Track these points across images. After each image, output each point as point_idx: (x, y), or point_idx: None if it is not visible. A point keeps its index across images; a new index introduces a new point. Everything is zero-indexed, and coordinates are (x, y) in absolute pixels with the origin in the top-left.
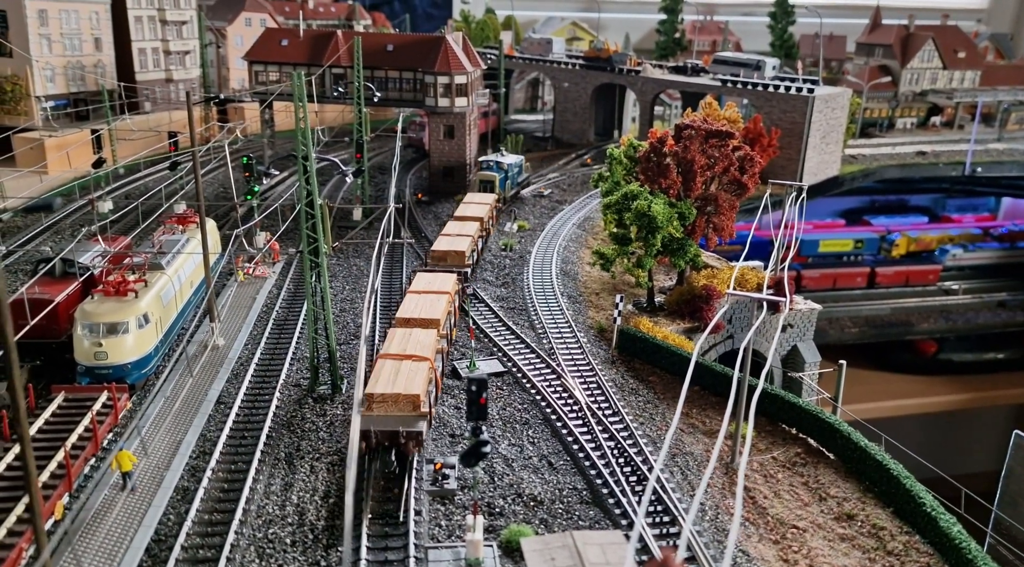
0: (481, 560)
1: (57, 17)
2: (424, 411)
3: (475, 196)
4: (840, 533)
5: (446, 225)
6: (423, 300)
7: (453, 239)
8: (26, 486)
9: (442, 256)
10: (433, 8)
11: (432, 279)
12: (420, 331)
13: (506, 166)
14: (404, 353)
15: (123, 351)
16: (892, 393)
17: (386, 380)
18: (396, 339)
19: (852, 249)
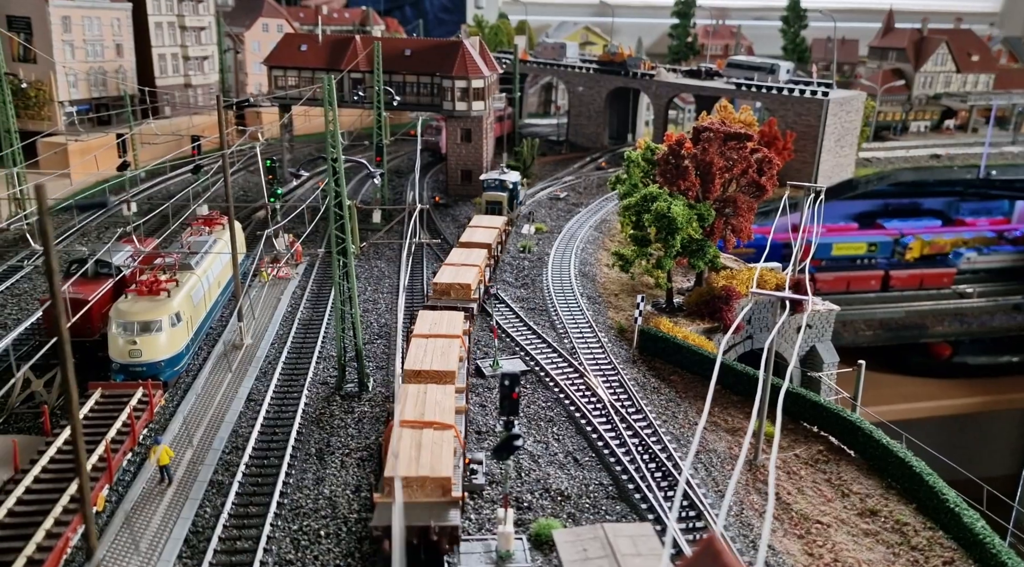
0: (512, 552)
1: (80, 23)
2: (456, 496)
3: (482, 219)
4: (864, 528)
5: (450, 253)
6: (432, 347)
7: (457, 270)
8: (76, 470)
9: (445, 290)
10: (444, 13)
11: (438, 319)
12: (436, 389)
13: (511, 184)
14: (423, 420)
15: (156, 349)
16: (907, 396)
17: (408, 457)
18: (410, 400)
19: (865, 252)
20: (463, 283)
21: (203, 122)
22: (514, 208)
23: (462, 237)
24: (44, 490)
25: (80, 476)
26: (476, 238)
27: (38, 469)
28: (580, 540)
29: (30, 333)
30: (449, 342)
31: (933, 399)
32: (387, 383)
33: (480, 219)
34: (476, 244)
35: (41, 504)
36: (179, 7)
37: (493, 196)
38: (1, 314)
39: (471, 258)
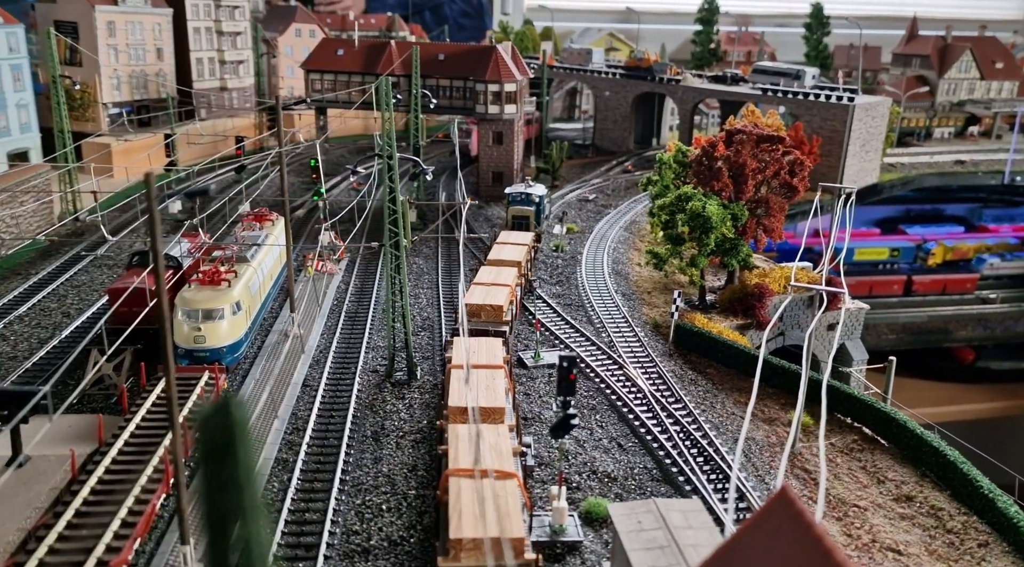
0: (564, 527)
1: (124, 28)
2: (531, 558)
3: (509, 235)
4: (900, 512)
5: (479, 272)
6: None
7: (488, 290)
8: (170, 425)
9: (475, 311)
10: (464, 18)
11: (475, 347)
12: (489, 430)
13: (537, 198)
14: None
15: (219, 335)
16: (930, 400)
17: (472, 515)
18: (462, 444)
19: (888, 258)
20: (494, 304)
21: (242, 124)
22: (541, 223)
23: (490, 254)
24: (127, 462)
25: (173, 430)
26: (505, 255)
27: (120, 443)
28: (634, 513)
29: (95, 319)
30: (492, 374)
31: (956, 403)
32: (434, 373)
33: (507, 235)
34: (506, 262)
35: (126, 474)
36: (216, 13)
37: (520, 211)
38: (63, 304)
39: (501, 277)
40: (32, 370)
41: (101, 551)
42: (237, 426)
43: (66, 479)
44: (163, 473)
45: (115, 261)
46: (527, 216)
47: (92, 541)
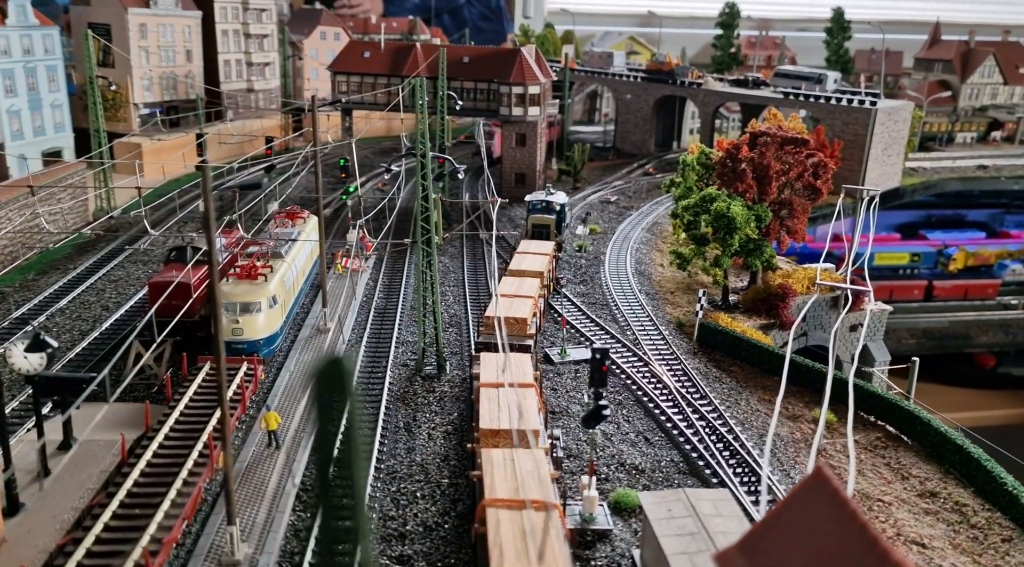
0: (595, 516)
1: (155, 30)
2: None
3: (529, 244)
4: (924, 507)
5: (501, 282)
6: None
7: (511, 302)
8: (219, 401)
9: (489, 323)
10: (483, 21)
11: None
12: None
13: (558, 206)
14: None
15: (256, 328)
16: (950, 405)
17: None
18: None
19: (908, 263)
20: (518, 317)
21: (269, 125)
22: (561, 231)
23: (511, 264)
24: (173, 447)
25: (221, 405)
26: (526, 266)
27: (166, 429)
28: (665, 501)
29: (133, 313)
30: (523, 393)
31: (976, 409)
32: (463, 367)
33: (527, 244)
34: (528, 272)
35: (173, 458)
36: (244, 16)
37: (540, 219)
38: (102, 298)
39: (524, 288)
40: (75, 361)
41: (154, 529)
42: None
43: (115, 462)
44: (208, 458)
45: (150, 257)
46: (547, 225)
47: (144, 520)
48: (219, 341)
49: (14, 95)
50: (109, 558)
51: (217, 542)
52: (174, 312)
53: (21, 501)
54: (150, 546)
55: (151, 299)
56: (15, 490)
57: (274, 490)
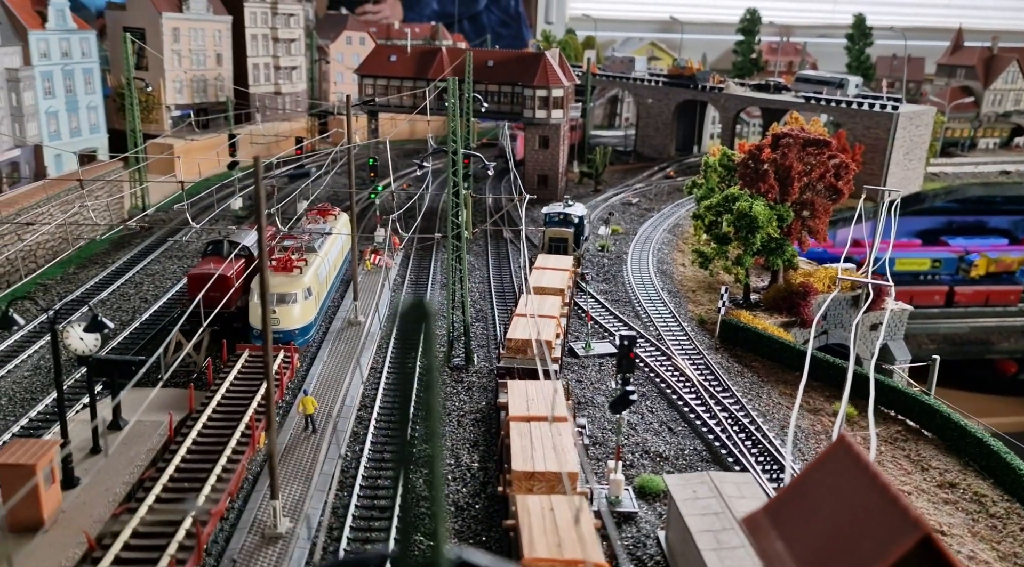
0: (620, 499)
1: (187, 34)
2: None
3: (546, 259)
4: (943, 497)
5: (519, 302)
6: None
7: (531, 323)
8: (266, 378)
9: (521, 347)
10: (502, 27)
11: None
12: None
13: (576, 219)
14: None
15: (292, 318)
16: (971, 411)
17: None
18: (535, 521)
19: (929, 268)
20: (542, 340)
21: (296, 127)
22: (580, 246)
23: (530, 281)
24: (216, 427)
25: (268, 382)
26: (545, 282)
27: (210, 410)
28: (689, 484)
29: (171, 304)
30: (558, 429)
31: (997, 415)
32: (490, 359)
33: (544, 259)
34: (548, 290)
35: (216, 437)
36: (273, 20)
37: (557, 232)
38: (140, 290)
39: (545, 307)
40: (117, 349)
41: (202, 501)
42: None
43: (163, 441)
44: (250, 437)
45: (184, 252)
46: (565, 239)
47: (193, 493)
48: (266, 324)
49: (52, 97)
50: (162, 526)
51: (259, 517)
52: (212, 303)
53: (76, 476)
54: (200, 516)
55: (190, 291)
56: (71, 465)
57: (312, 470)
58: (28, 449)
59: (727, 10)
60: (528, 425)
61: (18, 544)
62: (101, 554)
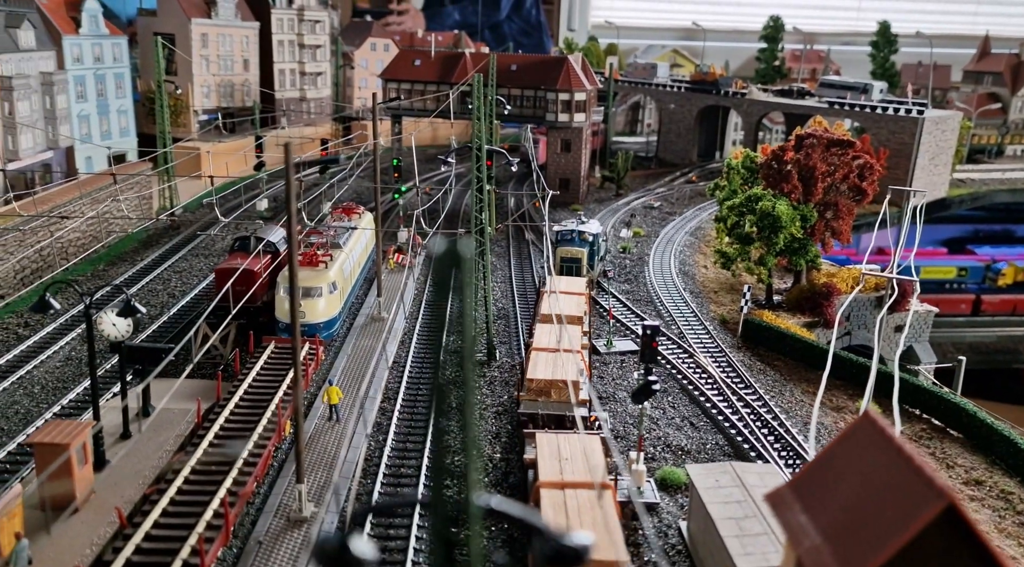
0: (642, 490)
1: (216, 40)
2: None
3: (559, 282)
4: (969, 494)
5: (534, 333)
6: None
7: (553, 359)
8: (294, 365)
9: (544, 389)
10: (523, 36)
11: (566, 450)
12: None
13: (590, 236)
14: None
15: (317, 312)
16: None
17: None
18: None
19: (955, 277)
20: (567, 380)
21: (321, 132)
22: (595, 266)
23: (541, 308)
24: (243, 414)
25: (295, 368)
26: (561, 309)
27: (236, 398)
28: (711, 473)
29: (199, 300)
30: (603, 502)
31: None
32: (511, 354)
33: (556, 281)
34: (565, 318)
35: (243, 424)
36: (299, 27)
37: (569, 252)
38: (168, 286)
39: (565, 339)
40: (146, 342)
41: (229, 483)
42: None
43: (190, 427)
44: (276, 425)
45: (211, 251)
46: (578, 259)
47: (220, 476)
48: (294, 312)
49: (84, 100)
50: (191, 506)
51: (284, 501)
52: (238, 297)
53: (107, 459)
54: (227, 498)
55: (217, 285)
56: (102, 448)
57: (336, 458)
58: (63, 429)
59: (750, 17)
60: (563, 493)
61: (52, 521)
62: (132, 531)
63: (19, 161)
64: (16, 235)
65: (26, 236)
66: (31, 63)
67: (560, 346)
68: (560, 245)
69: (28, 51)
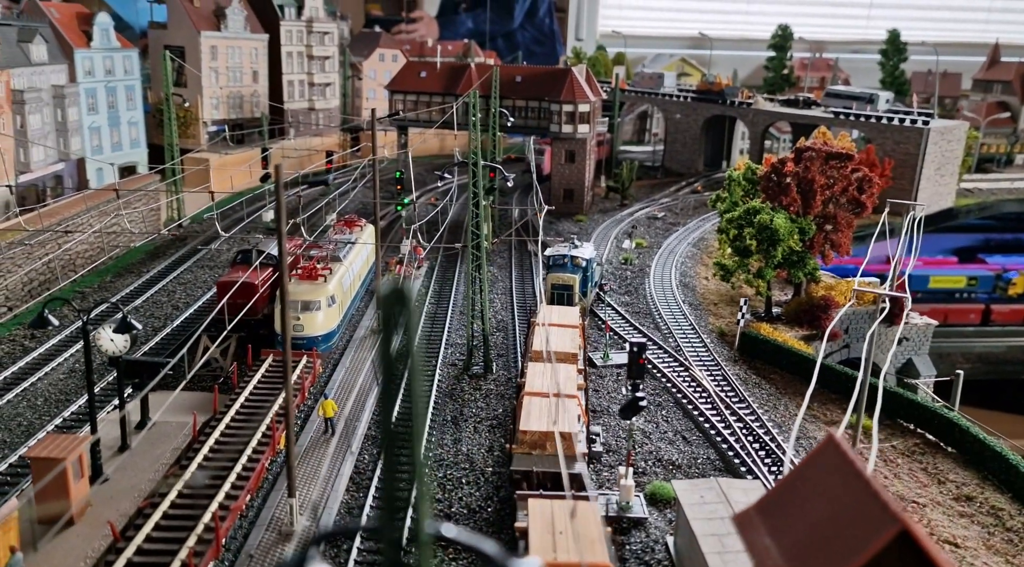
0: (631, 504)
1: (225, 52)
2: None
3: (550, 312)
4: (959, 510)
5: (526, 374)
6: None
7: (548, 406)
8: (284, 388)
9: (539, 441)
10: (535, 45)
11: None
12: None
13: (583, 262)
14: None
15: (315, 325)
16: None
17: None
18: None
19: (965, 286)
20: (564, 432)
21: (328, 142)
22: (588, 294)
23: (533, 343)
24: (238, 428)
25: (287, 391)
26: (554, 345)
27: (232, 412)
28: (697, 489)
29: (202, 312)
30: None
31: None
32: (508, 367)
33: (548, 312)
34: (558, 356)
35: (238, 438)
36: (308, 38)
37: (560, 279)
38: (172, 298)
39: (560, 382)
40: (148, 354)
41: (221, 497)
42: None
43: (187, 440)
44: (270, 438)
45: (216, 263)
46: (570, 286)
47: (213, 490)
48: (286, 329)
49: (95, 113)
50: (183, 520)
51: (277, 515)
52: (239, 310)
53: (104, 472)
54: (219, 512)
55: (219, 298)
56: (99, 460)
57: (330, 472)
58: (60, 444)
59: (758, 26)
60: None
61: (47, 534)
62: (124, 545)
63: (31, 173)
64: (24, 248)
65: (34, 249)
66: (43, 76)
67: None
68: (551, 271)
69: (40, 65)
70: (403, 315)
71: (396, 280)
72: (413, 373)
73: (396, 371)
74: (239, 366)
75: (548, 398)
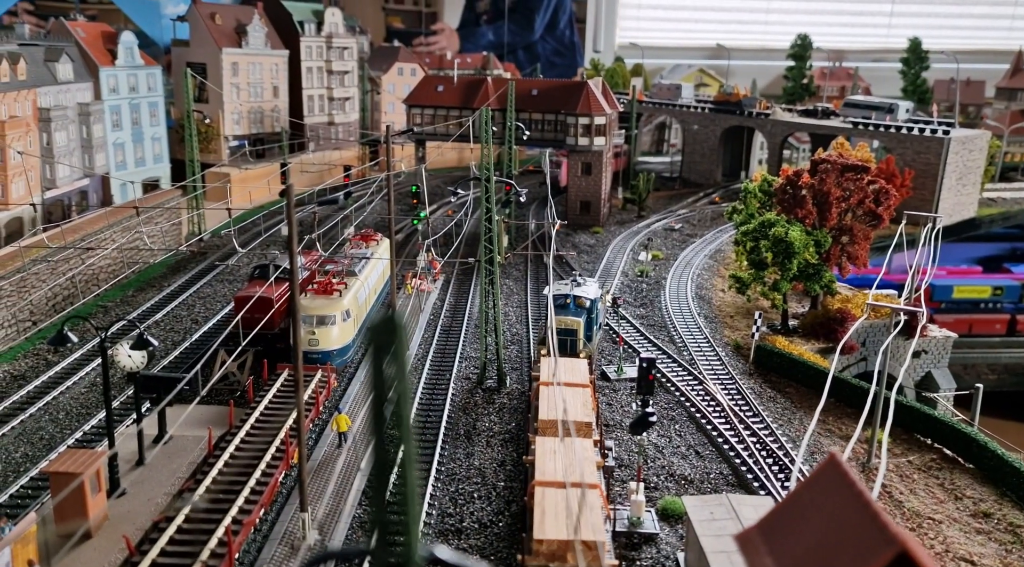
0: (642, 520)
1: (246, 68)
2: None
3: (560, 365)
4: (976, 527)
5: (535, 452)
6: None
7: (565, 497)
8: (296, 404)
9: (557, 553)
10: (556, 57)
11: None
12: None
13: (587, 302)
14: None
15: (330, 339)
16: None
17: None
18: None
19: (990, 296)
20: (588, 540)
21: (347, 156)
22: (593, 339)
23: (540, 410)
24: (253, 443)
25: (298, 408)
26: (567, 411)
27: (247, 427)
28: (707, 505)
29: (220, 326)
30: None
31: None
32: (522, 381)
33: (549, 364)
34: (574, 425)
35: (253, 452)
36: (328, 54)
37: (563, 322)
38: (192, 312)
39: (576, 464)
40: (167, 367)
41: (235, 511)
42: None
43: (203, 454)
44: (284, 453)
45: (235, 277)
46: (573, 330)
47: (228, 504)
48: (297, 344)
49: (119, 129)
50: (198, 534)
51: (290, 529)
52: (256, 324)
53: (121, 485)
54: (232, 526)
55: (236, 312)
56: (116, 474)
57: (342, 486)
58: (77, 459)
59: (778, 36)
60: None
61: (65, 548)
62: (139, 559)
63: (57, 189)
64: (48, 264)
65: (58, 265)
66: (69, 94)
67: (573, 476)
68: (557, 312)
69: (66, 83)
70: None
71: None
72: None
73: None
74: (255, 380)
75: (564, 489)
